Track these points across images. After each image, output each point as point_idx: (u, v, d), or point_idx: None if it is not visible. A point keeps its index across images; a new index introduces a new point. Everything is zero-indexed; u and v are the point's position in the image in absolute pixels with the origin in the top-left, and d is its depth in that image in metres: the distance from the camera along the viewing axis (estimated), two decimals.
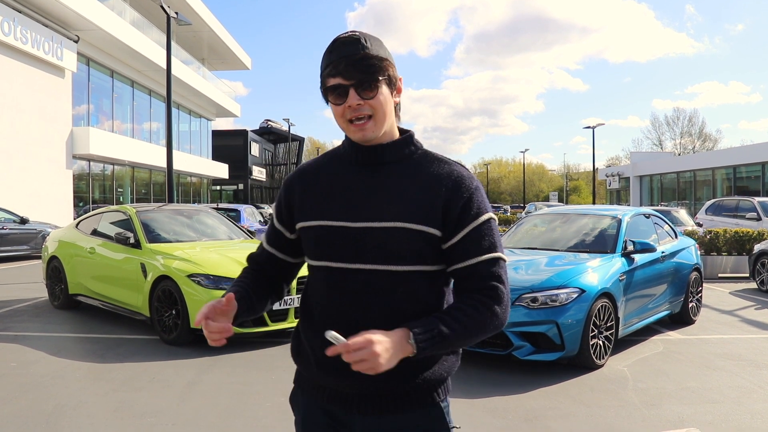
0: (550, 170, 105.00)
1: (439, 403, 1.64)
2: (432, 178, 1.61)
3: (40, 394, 5.04)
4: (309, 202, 1.68)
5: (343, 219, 1.61)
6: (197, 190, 44.74)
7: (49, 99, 23.11)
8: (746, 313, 9.04)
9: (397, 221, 1.57)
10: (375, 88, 1.56)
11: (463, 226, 1.58)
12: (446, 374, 1.65)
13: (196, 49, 40.14)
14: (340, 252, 1.60)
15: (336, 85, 1.57)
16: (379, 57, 1.57)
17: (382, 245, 1.57)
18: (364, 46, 1.56)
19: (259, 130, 70.39)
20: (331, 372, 1.61)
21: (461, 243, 1.58)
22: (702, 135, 75.06)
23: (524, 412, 4.70)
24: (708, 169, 40.89)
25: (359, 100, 1.56)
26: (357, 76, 1.55)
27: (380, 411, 1.61)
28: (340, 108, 1.58)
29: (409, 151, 1.67)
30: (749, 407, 4.87)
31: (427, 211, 1.58)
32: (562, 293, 5.73)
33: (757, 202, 17.81)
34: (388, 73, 1.59)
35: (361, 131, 1.59)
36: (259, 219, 18.80)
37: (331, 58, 1.57)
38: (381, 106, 1.58)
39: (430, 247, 1.59)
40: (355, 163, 1.66)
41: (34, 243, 16.17)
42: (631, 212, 7.68)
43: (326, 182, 1.68)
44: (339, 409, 1.65)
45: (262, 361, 6.13)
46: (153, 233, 7.78)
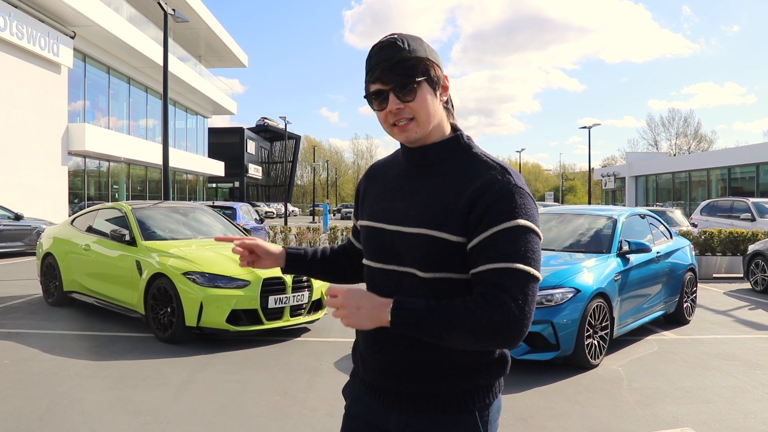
0: (546, 170, 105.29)
1: (475, 410, 1.59)
2: (463, 181, 1.55)
3: (34, 391, 5.03)
4: (366, 203, 1.76)
5: (382, 221, 1.65)
6: (193, 188, 44.66)
7: (45, 95, 23.04)
8: (740, 313, 9.08)
9: (420, 227, 1.56)
10: (413, 90, 1.53)
11: (483, 230, 1.47)
12: (484, 382, 1.60)
13: (193, 46, 40.09)
14: (378, 253, 1.66)
15: (376, 91, 1.56)
16: (417, 57, 1.54)
17: (411, 250, 1.57)
18: (401, 48, 1.53)
19: (255, 128, 70.41)
20: (372, 370, 1.67)
21: (479, 247, 1.48)
22: (697, 136, 75.42)
23: (519, 412, 4.71)
24: (703, 169, 40.99)
25: (399, 104, 1.54)
26: (394, 80, 1.53)
27: (415, 411, 1.61)
28: (383, 113, 1.57)
29: (455, 151, 1.62)
30: (743, 407, 4.89)
31: (448, 217, 1.52)
32: (557, 293, 5.75)
33: (751, 203, 17.86)
34: (429, 72, 1.55)
35: (404, 132, 1.57)
36: (255, 217, 18.77)
37: (370, 64, 1.56)
38: (422, 108, 1.55)
39: (455, 255, 1.52)
40: (406, 165, 1.67)
41: (28, 239, 16.11)
42: (627, 212, 7.70)
43: (381, 183, 1.72)
44: (378, 404, 1.68)
45: (258, 359, 6.12)
46: (148, 230, 7.76)
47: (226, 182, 61.06)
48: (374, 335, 1.62)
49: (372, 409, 1.69)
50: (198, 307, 6.43)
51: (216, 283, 6.54)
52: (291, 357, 6.18)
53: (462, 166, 1.59)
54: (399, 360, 1.60)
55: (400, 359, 1.60)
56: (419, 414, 1.60)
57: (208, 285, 6.51)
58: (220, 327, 6.47)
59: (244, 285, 6.56)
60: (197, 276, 6.57)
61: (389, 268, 1.62)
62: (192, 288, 6.50)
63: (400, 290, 1.58)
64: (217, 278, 6.58)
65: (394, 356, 1.60)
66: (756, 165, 34.73)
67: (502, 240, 1.45)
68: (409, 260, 1.58)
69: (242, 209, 17.50)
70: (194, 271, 6.61)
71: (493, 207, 1.48)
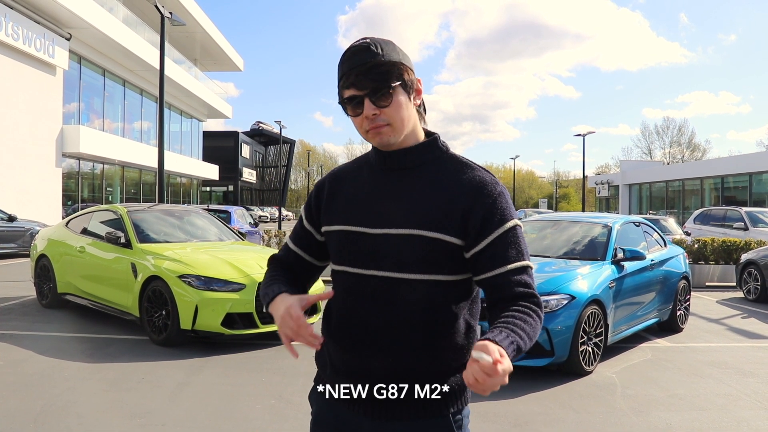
0: (540, 177, 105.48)
1: (449, 415, 1.60)
2: (452, 183, 1.58)
3: (28, 393, 5.01)
4: (334, 207, 1.67)
5: (362, 225, 1.60)
6: (187, 191, 44.60)
7: (40, 96, 22.99)
8: (733, 321, 9.12)
9: (413, 228, 1.54)
10: (389, 95, 1.53)
11: (486, 234, 1.54)
12: (458, 386, 1.60)
13: (189, 50, 40.08)
14: (357, 258, 1.60)
15: (351, 96, 1.55)
16: (391, 62, 1.53)
17: (398, 252, 1.55)
18: (374, 53, 1.52)
19: (250, 132, 70.34)
20: (344, 375, 1.63)
21: (486, 251, 1.54)
22: (691, 145, 75.86)
23: (514, 418, 4.73)
24: (696, 178, 41.22)
25: (375, 110, 1.53)
26: (369, 85, 1.52)
27: (389, 417, 1.59)
28: (359, 119, 1.57)
29: (434, 154, 1.64)
30: (735, 414, 4.92)
31: (443, 218, 1.54)
32: (552, 299, 5.77)
33: (744, 212, 17.97)
34: (403, 77, 1.56)
35: (378, 135, 1.57)
36: (249, 221, 18.75)
37: (343, 69, 1.55)
38: (397, 113, 1.55)
39: (447, 256, 1.55)
40: (380, 169, 1.65)
41: (21, 241, 16.05)
42: (622, 220, 7.74)
43: (352, 187, 1.67)
44: (349, 411, 1.64)
45: (253, 362, 6.12)
46: (144, 233, 7.75)
47: (220, 186, 60.98)
48: (370, 340, 1.57)
49: (341, 416, 1.66)
50: (193, 310, 6.42)
51: (211, 286, 6.54)
52: (286, 361, 6.18)
53: (444, 168, 1.61)
54: (383, 365, 1.57)
55: (384, 364, 1.57)
56: (393, 420, 1.59)
57: (204, 288, 6.51)
58: (215, 330, 6.47)
59: (240, 288, 6.56)
60: (192, 279, 6.57)
61: (369, 273, 1.58)
62: (187, 291, 6.50)
63: (383, 293, 1.56)
64: (213, 281, 6.57)
65: (380, 361, 1.57)
66: (749, 174, 34.95)
67: (508, 242, 1.55)
68: (395, 263, 1.55)
69: (237, 213, 17.47)
70: (190, 274, 6.61)
71: (492, 210, 1.54)
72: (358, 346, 1.59)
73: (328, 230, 1.68)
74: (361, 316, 1.59)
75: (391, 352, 1.56)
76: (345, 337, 1.61)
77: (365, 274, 1.58)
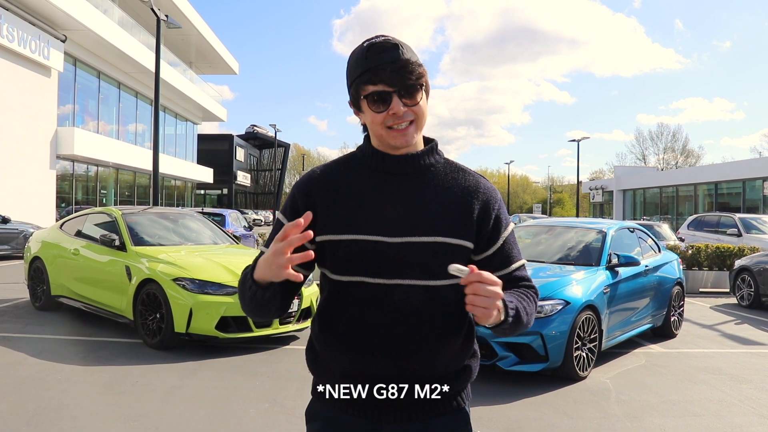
0: (535, 182, 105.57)
1: (464, 407, 1.67)
2: (463, 190, 1.63)
3: (21, 396, 4.99)
4: (335, 214, 1.58)
5: (379, 233, 1.55)
6: (181, 194, 44.49)
7: (35, 98, 22.91)
8: (726, 327, 9.15)
9: (437, 236, 1.56)
10: (421, 94, 1.56)
11: (497, 238, 1.66)
12: (468, 379, 1.68)
13: (184, 53, 40.04)
14: (377, 268, 1.55)
15: (379, 92, 1.53)
16: (418, 63, 1.56)
17: (423, 260, 1.55)
18: (403, 51, 1.54)
19: (245, 135, 70.22)
20: (359, 381, 1.59)
21: (498, 254, 1.66)
22: (685, 151, 76.07)
23: (508, 423, 4.73)
24: (690, 184, 41.35)
25: (404, 107, 1.54)
26: (401, 83, 1.52)
27: (407, 419, 1.60)
28: (381, 115, 1.55)
29: (434, 160, 1.66)
30: (729, 420, 4.94)
31: (463, 224, 1.60)
32: (546, 305, 5.78)
33: (738, 219, 18.04)
34: (425, 79, 1.58)
35: (403, 136, 1.56)
36: (244, 224, 18.75)
37: (368, 64, 1.53)
38: (422, 112, 1.58)
39: (464, 260, 1.59)
40: (380, 172, 1.62)
41: (15, 243, 15.98)
42: (616, 226, 7.76)
43: (351, 192, 1.60)
44: (365, 419, 1.60)
45: (246, 366, 6.11)
46: (138, 236, 7.73)
47: (215, 189, 60.83)
48: (395, 350, 1.56)
49: (352, 428, 1.61)
50: (187, 314, 6.40)
51: (206, 289, 6.52)
52: (280, 364, 6.17)
53: (448, 175, 1.65)
54: (409, 371, 1.57)
55: (409, 370, 1.57)
56: (412, 421, 1.60)
57: (198, 291, 6.49)
58: (209, 333, 6.45)
59: (234, 292, 6.54)
60: (187, 282, 6.55)
61: (392, 282, 1.55)
62: (182, 294, 6.48)
63: (407, 302, 1.55)
64: (207, 285, 6.56)
65: (407, 367, 1.57)
66: (743, 181, 35.10)
67: (511, 243, 1.69)
68: (419, 271, 1.55)
69: (231, 216, 17.47)
70: (184, 277, 6.59)
71: (500, 215, 1.67)
72: (379, 355, 1.57)
73: (333, 240, 1.57)
74: (383, 325, 1.56)
75: (417, 359, 1.57)
76: (364, 347, 1.58)
77: (387, 284, 1.55)
